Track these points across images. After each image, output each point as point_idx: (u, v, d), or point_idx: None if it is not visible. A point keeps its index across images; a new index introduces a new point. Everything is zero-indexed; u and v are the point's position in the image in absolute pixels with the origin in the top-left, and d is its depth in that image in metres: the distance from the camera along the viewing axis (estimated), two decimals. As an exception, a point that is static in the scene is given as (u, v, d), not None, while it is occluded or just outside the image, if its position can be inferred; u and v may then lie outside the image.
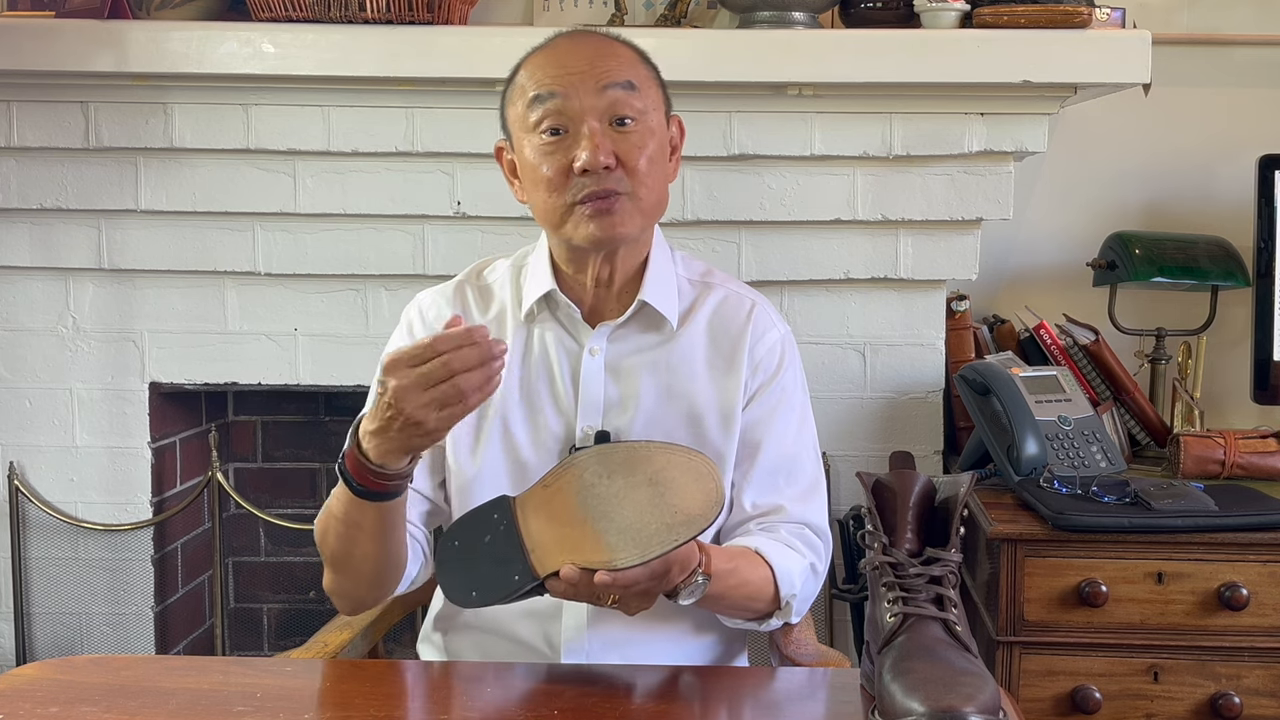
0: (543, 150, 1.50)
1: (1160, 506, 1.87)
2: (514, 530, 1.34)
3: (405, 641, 2.58)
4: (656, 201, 1.55)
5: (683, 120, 1.62)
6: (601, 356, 1.57)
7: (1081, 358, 2.34)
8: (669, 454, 1.32)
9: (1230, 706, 1.86)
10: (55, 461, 2.40)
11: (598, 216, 1.49)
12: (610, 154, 1.47)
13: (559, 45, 1.55)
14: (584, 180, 1.48)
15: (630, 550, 1.28)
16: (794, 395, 1.62)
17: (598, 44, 1.54)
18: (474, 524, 1.37)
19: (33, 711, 1.24)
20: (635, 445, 1.35)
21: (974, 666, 1.17)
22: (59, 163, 2.30)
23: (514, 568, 1.33)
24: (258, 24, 2.18)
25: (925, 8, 2.20)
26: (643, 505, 1.29)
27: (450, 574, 1.37)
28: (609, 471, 1.32)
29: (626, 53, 1.55)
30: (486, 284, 1.65)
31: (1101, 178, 2.54)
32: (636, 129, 1.50)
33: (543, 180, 1.51)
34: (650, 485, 1.30)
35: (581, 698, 1.30)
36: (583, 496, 1.32)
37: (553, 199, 1.51)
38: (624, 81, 1.49)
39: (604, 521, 1.30)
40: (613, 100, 1.49)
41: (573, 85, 1.48)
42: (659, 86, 1.57)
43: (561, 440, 1.57)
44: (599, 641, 1.54)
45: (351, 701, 1.31)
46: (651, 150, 1.51)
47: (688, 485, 1.30)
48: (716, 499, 1.30)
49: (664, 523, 1.28)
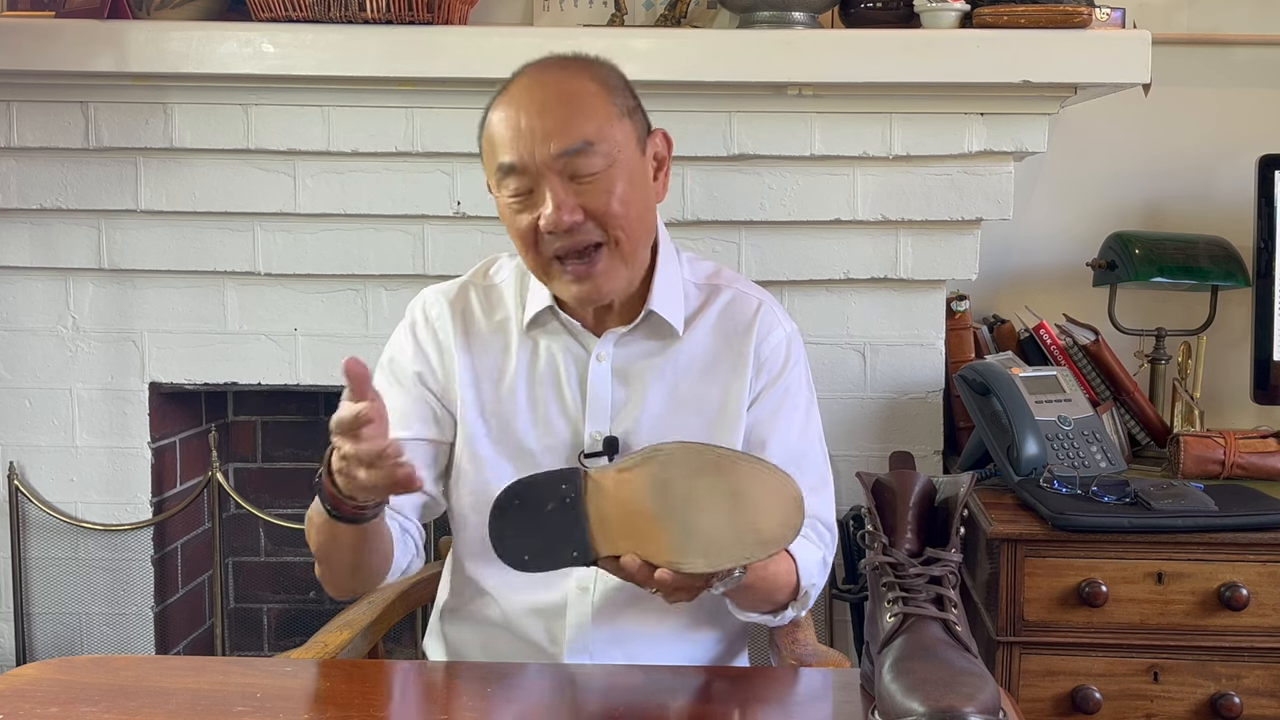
0: (513, 208, 1.50)
1: (1160, 506, 1.87)
2: (580, 506, 1.31)
3: (405, 641, 2.58)
4: (641, 236, 1.52)
5: (668, 132, 1.58)
6: (609, 362, 1.58)
7: (1081, 358, 2.34)
8: (757, 469, 1.29)
9: (1230, 706, 1.86)
10: (55, 461, 2.40)
11: (579, 280, 1.49)
12: (574, 210, 1.45)
13: (516, 95, 1.49)
14: (552, 237, 1.47)
15: (698, 558, 1.27)
16: (799, 394, 1.63)
17: (555, 89, 1.49)
18: (539, 488, 1.33)
19: (33, 711, 1.24)
20: (723, 451, 1.31)
21: (974, 666, 1.17)
22: (59, 163, 2.30)
23: (573, 544, 1.31)
24: (258, 24, 2.18)
25: (925, 8, 2.20)
26: (720, 515, 1.27)
27: (505, 532, 1.33)
28: (692, 472, 1.28)
29: (586, 92, 1.49)
30: (493, 285, 1.65)
31: (1101, 178, 2.54)
32: (601, 176, 1.47)
33: (518, 235, 1.51)
34: (732, 497, 1.27)
35: (582, 697, 1.31)
36: (659, 490, 1.29)
37: (530, 256, 1.51)
38: (579, 144, 1.45)
39: (678, 522, 1.27)
40: (568, 164, 1.46)
41: (528, 149, 1.46)
42: (629, 115, 1.52)
43: (569, 446, 1.57)
44: (602, 639, 1.55)
45: (351, 701, 1.31)
46: (622, 191, 1.48)
47: (769, 505, 1.27)
48: (796, 525, 1.28)
49: (739, 539, 1.26)
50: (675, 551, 1.27)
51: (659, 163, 1.57)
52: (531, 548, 1.32)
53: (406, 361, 1.62)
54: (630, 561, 1.29)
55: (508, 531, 1.33)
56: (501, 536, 1.33)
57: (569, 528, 1.31)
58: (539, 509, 1.32)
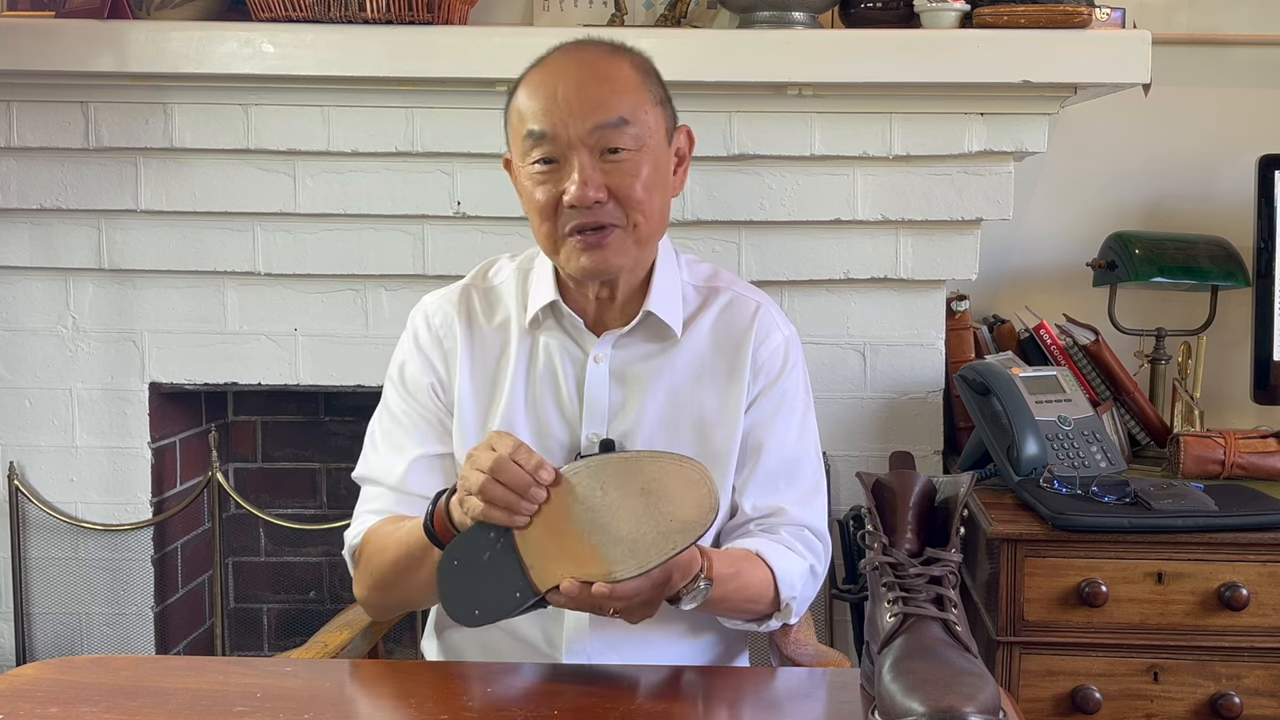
0: (536, 178, 1.50)
1: (1160, 506, 1.87)
2: (512, 547, 1.34)
3: (405, 641, 2.58)
4: (657, 224, 1.53)
5: (691, 129, 1.60)
6: (606, 364, 1.57)
7: (1081, 358, 2.34)
8: (660, 462, 1.31)
9: (1230, 706, 1.86)
10: (55, 461, 2.40)
11: (589, 250, 1.49)
12: (600, 187, 1.46)
13: (554, 67, 1.51)
14: (573, 212, 1.47)
15: (628, 561, 1.28)
16: (796, 398, 1.62)
17: (594, 67, 1.50)
18: (472, 543, 1.36)
19: (33, 711, 1.24)
20: (625, 456, 1.34)
21: (974, 666, 1.17)
22: (59, 163, 2.30)
23: (514, 585, 1.33)
24: (258, 24, 2.18)
25: (925, 8, 2.20)
26: (637, 515, 1.29)
27: (452, 594, 1.36)
28: (601, 484, 1.31)
29: (624, 74, 1.51)
30: (492, 286, 1.65)
31: (1101, 178, 2.54)
32: (630, 158, 1.48)
33: (535, 207, 1.51)
34: (643, 495, 1.29)
35: (582, 697, 1.30)
36: (577, 510, 1.31)
37: (545, 226, 1.51)
38: (614, 119, 1.47)
39: (600, 534, 1.30)
40: (602, 137, 1.46)
41: (561, 119, 1.46)
42: (660, 104, 1.54)
43: (567, 447, 1.57)
44: (600, 642, 1.55)
45: (351, 701, 1.31)
46: (647, 175, 1.49)
47: (681, 492, 1.29)
48: (711, 504, 1.29)
49: (660, 531, 1.28)
50: (605, 562, 1.29)
51: (679, 159, 1.58)
52: (479, 602, 1.35)
53: (418, 374, 1.62)
54: (568, 586, 1.30)
55: (454, 593, 1.36)
56: (448, 597, 1.36)
57: (508, 571, 1.34)
58: (477, 563, 1.35)
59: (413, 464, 1.58)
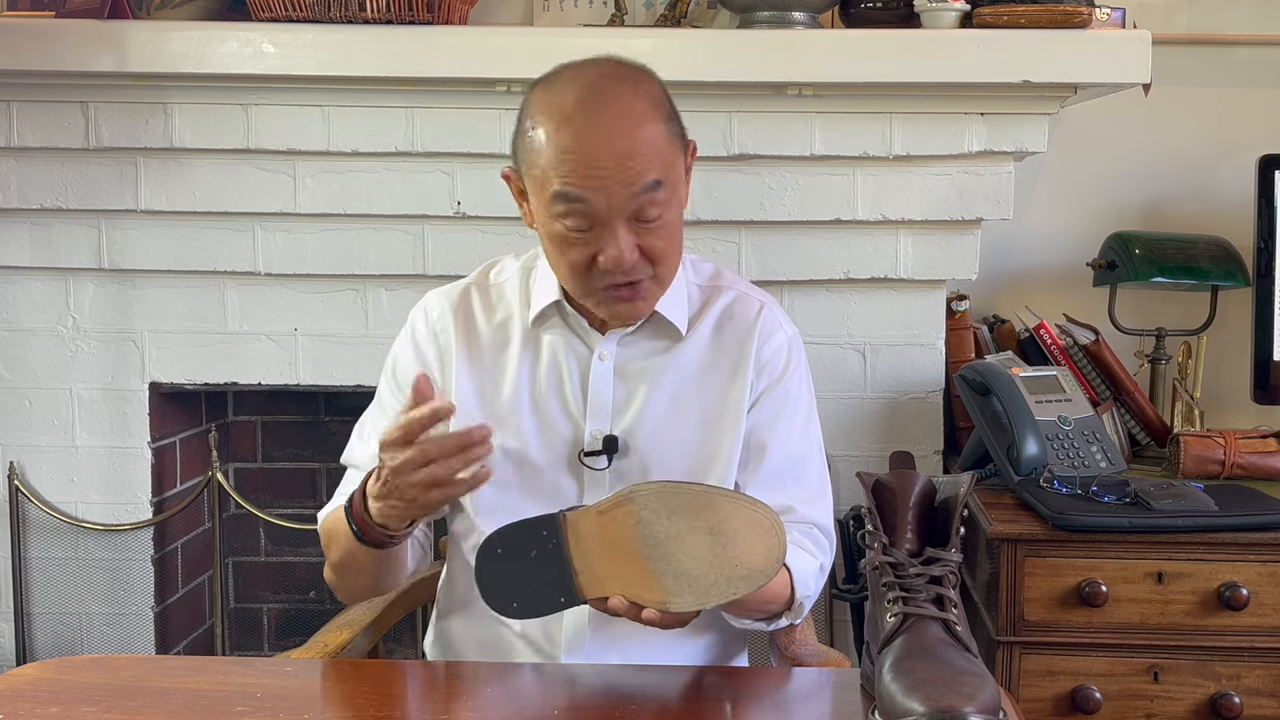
0: (566, 238, 1.47)
1: (1160, 506, 1.87)
2: (563, 551, 1.32)
3: (405, 641, 2.58)
4: (677, 263, 1.54)
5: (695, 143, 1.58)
6: (610, 361, 1.57)
7: (1081, 358, 2.34)
8: (733, 503, 1.30)
9: (1230, 706, 1.86)
10: (55, 461, 2.40)
11: (622, 302, 1.50)
12: (635, 251, 1.45)
13: (582, 124, 1.43)
14: (607, 274, 1.47)
15: (687, 597, 1.28)
16: (800, 397, 1.62)
17: (624, 123, 1.44)
18: (521, 535, 1.34)
19: (33, 711, 1.24)
20: (698, 489, 1.32)
21: (974, 666, 1.17)
22: (59, 163, 2.30)
23: (559, 589, 1.32)
24: (258, 24, 2.18)
25: (925, 8, 2.20)
26: (702, 553, 1.28)
27: (491, 581, 1.35)
28: (670, 512, 1.29)
29: (651, 127, 1.45)
30: (494, 285, 1.64)
31: (1101, 178, 2.54)
32: (661, 220, 1.47)
33: (564, 263, 1.49)
34: (712, 534, 1.28)
35: (582, 697, 1.31)
36: (640, 532, 1.29)
37: (574, 281, 1.51)
38: (651, 182, 1.44)
39: (662, 563, 1.28)
40: (641, 204, 1.44)
41: (601, 188, 1.42)
42: (678, 137, 1.51)
43: (570, 444, 1.56)
44: (600, 641, 1.55)
45: (351, 701, 1.31)
46: (673, 227, 1.49)
47: (750, 538, 1.28)
48: (779, 555, 1.29)
49: (723, 575, 1.27)
50: (662, 591, 1.28)
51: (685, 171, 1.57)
52: (519, 595, 1.34)
53: (409, 368, 1.61)
54: (618, 603, 1.30)
55: (493, 580, 1.35)
56: (487, 584, 1.36)
57: (554, 574, 1.32)
58: (523, 557, 1.34)
59: None
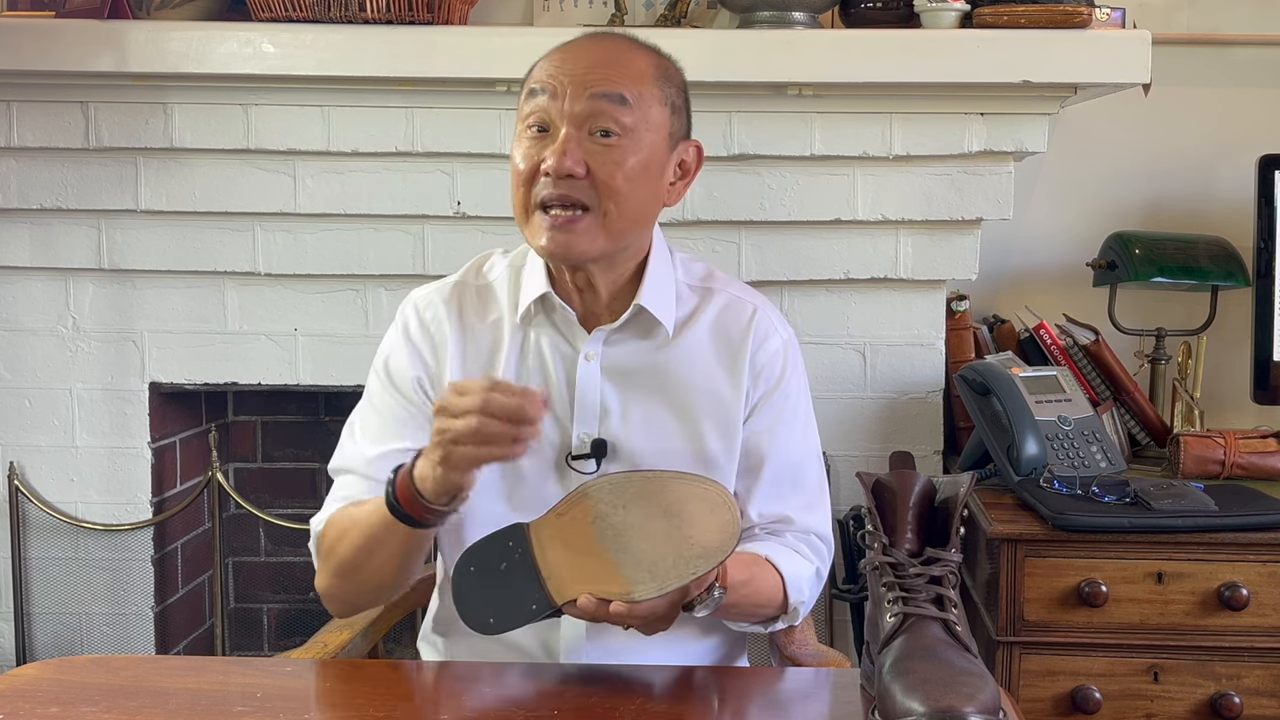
0: (524, 137, 1.48)
1: (1160, 506, 1.87)
2: (530, 558, 1.33)
3: (405, 641, 2.58)
4: (631, 221, 1.49)
5: (701, 146, 1.58)
6: (597, 362, 1.54)
7: (1081, 358, 2.34)
8: (684, 484, 1.31)
9: (1230, 706, 1.86)
10: (55, 461, 2.40)
11: (555, 230, 1.46)
12: (580, 162, 1.44)
13: (573, 43, 1.52)
14: (549, 181, 1.45)
15: (648, 583, 1.28)
16: (798, 403, 1.60)
17: (611, 49, 1.50)
18: (489, 551, 1.35)
19: (33, 711, 1.24)
20: (649, 475, 1.33)
21: (974, 666, 1.17)
22: (59, 163, 2.30)
23: (531, 596, 1.33)
24: (258, 24, 2.18)
25: (925, 8, 2.20)
26: (659, 537, 1.28)
27: (467, 600, 1.36)
28: (624, 502, 1.30)
29: (641, 65, 1.50)
30: (486, 283, 1.62)
31: (1101, 178, 2.54)
32: (619, 143, 1.46)
33: (515, 171, 1.49)
34: (666, 517, 1.28)
35: (581, 698, 1.30)
36: (598, 526, 1.30)
37: (519, 192, 1.49)
38: (615, 94, 1.45)
39: (620, 553, 1.29)
40: (597, 110, 1.45)
41: (562, 85, 1.46)
42: (671, 108, 1.52)
43: (558, 447, 1.53)
44: (598, 650, 1.53)
45: (351, 701, 1.31)
46: (631, 167, 1.46)
47: (704, 516, 1.29)
48: (733, 530, 1.29)
49: (681, 555, 1.28)
50: (625, 581, 1.29)
51: (683, 171, 1.56)
52: (494, 610, 1.35)
53: (404, 366, 1.58)
54: (586, 602, 1.29)
55: (470, 598, 1.36)
56: (464, 604, 1.36)
57: (524, 584, 1.33)
58: (493, 570, 1.35)
59: (389, 454, 1.53)
